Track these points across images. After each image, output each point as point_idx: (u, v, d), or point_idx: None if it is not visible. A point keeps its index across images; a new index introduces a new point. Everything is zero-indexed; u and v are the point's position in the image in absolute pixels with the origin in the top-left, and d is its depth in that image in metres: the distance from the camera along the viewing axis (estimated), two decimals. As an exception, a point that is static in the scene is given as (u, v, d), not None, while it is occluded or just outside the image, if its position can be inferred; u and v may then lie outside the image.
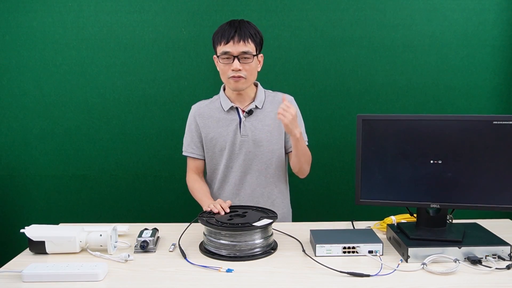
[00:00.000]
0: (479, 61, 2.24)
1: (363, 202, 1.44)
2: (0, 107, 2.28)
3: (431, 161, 1.36)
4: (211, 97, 1.85)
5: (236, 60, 1.63)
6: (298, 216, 1.93)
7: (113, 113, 2.29)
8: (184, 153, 1.85)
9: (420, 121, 1.37)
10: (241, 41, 1.62)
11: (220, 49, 1.65)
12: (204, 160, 1.84)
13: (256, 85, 1.80)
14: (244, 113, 1.74)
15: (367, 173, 1.42)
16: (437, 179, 1.37)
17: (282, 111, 1.53)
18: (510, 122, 1.31)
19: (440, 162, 1.36)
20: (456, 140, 1.35)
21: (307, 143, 1.80)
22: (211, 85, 2.25)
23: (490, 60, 2.23)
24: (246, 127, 1.73)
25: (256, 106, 1.75)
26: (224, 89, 1.81)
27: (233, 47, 1.62)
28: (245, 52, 1.63)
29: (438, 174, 1.36)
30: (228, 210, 1.50)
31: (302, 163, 1.72)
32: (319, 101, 2.27)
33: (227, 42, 1.62)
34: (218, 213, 1.48)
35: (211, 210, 1.50)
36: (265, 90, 1.82)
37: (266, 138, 1.74)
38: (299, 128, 1.61)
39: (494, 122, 1.32)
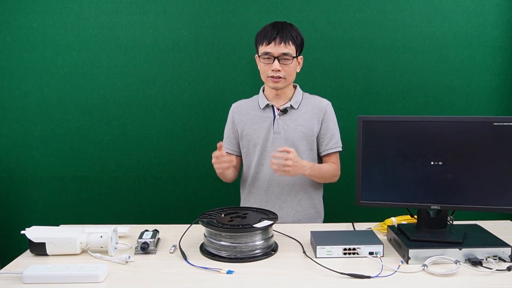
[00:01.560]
0: (479, 62, 2.24)
1: (363, 203, 1.44)
2: (1, 108, 2.28)
3: (432, 163, 1.36)
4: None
5: (276, 61, 1.69)
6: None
7: (113, 114, 2.29)
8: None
9: (421, 122, 1.37)
10: (282, 43, 1.68)
11: (262, 49, 1.71)
12: (239, 156, 1.90)
13: (295, 87, 1.86)
14: (279, 111, 1.79)
15: (367, 174, 1.42)
16: (437, 180, 1.37)
17: (282, 168, 1.59)
18: (511, 123, 1.31)
19: (440, 163, 1.36)
20: (456, 141, 1.35)
21: (340, 149, 1.85)
22: (211, 87, 2.26)
23: (490, 61, 2.23)
24: (280, 125, 1.78)
25: (291, 105, 1.79)
26: (263, 90, 1.87)
27: (274, 48, 1.68)
28: (285, 54, 1.69)
29: (439, 176, 1.36)
30: (223, 152, 1.60)
31: (325, 181, 1.85)
32: (319, 102, 2.27)
33: (269, 43, 1.69)
34: (220, 213, 1.49)
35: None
36: (304, 92, 1.87)
37: (297, 138, 1.77)
38: (305, 169, 1.66)
39: (494, 123, 1.32)
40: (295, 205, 1.82)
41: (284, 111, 1.79)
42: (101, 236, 1.39)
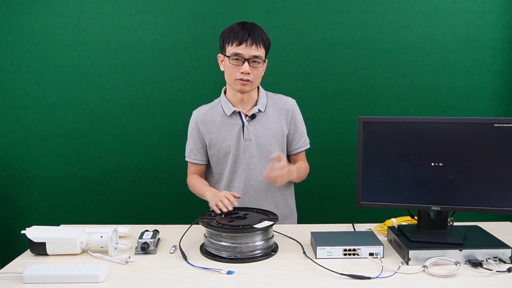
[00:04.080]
0: (480, 64, 2.24)
1: (364, 204, 1.44)
2: (2, 108, 2.28)
3: (432, 164, 1.36)
4: (211, 101, 1.84)
5: (246, 63, 1.62)
6: (299, 218, 1.93)
7: (114, 114, 2.29)
8: (187, 159, 1.84)
9: (421, 123, 1.37)
10: (254, 45, 1.61)
11: (231, 49, 1.62)
12: (206, 164, 1.84)
13: (258, 88, 1.79)
14: (247, 117, 1.73)
15: (368, 175, 1.42)
16: (438, 181, 1.36)
17: (274, 178, 1.55)
18: (511, 125, 1.31)
19: (441, 164, 1.36)
20: (457, 143, 1.35)
21: (308, 146, 1.81)
22: (212, 87, 2.26)
23: (491, 63, 2.23)
24: (250, 131, 1.73)
25: (259, 109, 1.74)
26: (225, 92, 1.80)
27: (245, 50, 1.61)
28: (256, 56, 1.62)
29: (439, 177, 1.36)
30: (236, 204, 1.50)
31: (302, 180, 1.82)
32: (320, 103, 2.27)
33: (240, 44, 1.61)
34: (221, 213, 1.48)
35: (219, 208, 1.49)
36: (267, 92, 1.81)
37: (269, 142, 1.74)
38: (294, 173, 1.64)
39: (495, 125, 1.32)
40: (272, 208, 1.76)
41: (253, 117, 1.72)
42: (102, 236, 1.39)
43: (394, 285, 1.17)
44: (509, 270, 1.23)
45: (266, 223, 1.38)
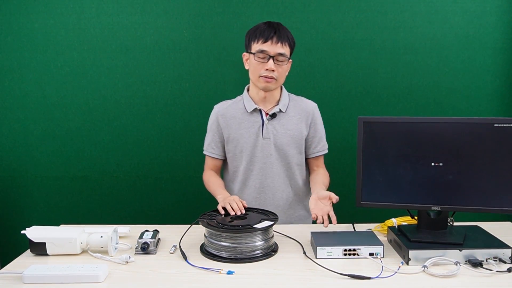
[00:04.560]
0: (480, 64, 2.24)
1: (364, 204, 1.43)
2: (2, 108, 2.29)
3: (432, 164, 1.36)
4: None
5: (271, 60, 1.63)
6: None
7: (114, 114, 2.29)
8: (204, 152, 1.85)
9: (421, 123, 1.37)
10: (279, 43, 1.63)
11: (257, 46, 1.64)
12: (223, 159, 1.85)
13: (281, 88, 1.80)
14: (268, 116, 1.74)
15: (368, 175, 1.42)
16: (438, 181, 1.36)
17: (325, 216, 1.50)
18: (511, 125, 1.31)
19: (441, 164, 1.36)
20: (457, 143, 1.35)
21: (327, 151, 1.84)
22: (212, 87, 2.26)
23: (491, 63, 2.24)
24: (269, 130, 1.73)
25: (280, 109, 1.74)
26: (248, 90, 1.80)
27: (271, 47, 1.63)
28: (281, 54, 1.64)
29: (439, 177, 1.36)
30: (244, 211, 1.50)
31: None
32: (320, 103, 2.25)
33: (265, 41, 1.62)
34: (224, 214, 1.49)
35: (224, 208, 1.50)
36: (289, 93, 1.82)
37: (287, 143, 1.74)
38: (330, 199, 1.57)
39: (495, 125, 1.32)
40: (287, 209, 1.79)
41: (273, 116, 1.73)
42: (102, 236, 1.39)
43: (394, 285, 1.17)
44: (509, 270, 1.23)
45: (266, 223, 1.38)
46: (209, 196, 2.33)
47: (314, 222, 1.85)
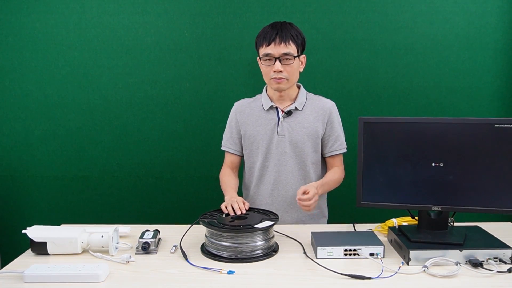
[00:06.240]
0: (480, 64, 2.24)
1: (364, 204, 1.44)
2: (2, 108, 2.29)
3: (433, 164, 1.36)
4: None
5: (277, 62, 1.66)
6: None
7: (115, 114, 2.29)
8: (222, 148, 1.89)
9: (422, 123, 1.37)
10: (282, 43, 1.65)
11: (262, 51, 1.69)
12: (241, 156, 1.88)
13: (298, 87, 1.83)
14: (283, 113, 1.77)
15: (368, 176, 1.42)
16: (438, 181, 1.37)
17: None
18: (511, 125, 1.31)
19: (441, 164, 1.36)
20: (457, 143, 1.35)
21: (345, 150, 1.84)
22: (213, 87, 2.26)
23: (491, 63, 2.23)
24: (284, 127, 1.76)
25: (296, 107, 1.77)
26: (266, 89, 1.84)
27: (274, 49, 1.66)
28: (286, 54, 1.66)
29: (440, 177, 1.36)
30: (244, 212, 1.50)
31: (333, 189, 1.82)
32: (320, 103, 2.27)
33: (269, 44, 1.66)
34: (221, 213, 1.50)
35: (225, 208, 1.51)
36: (307, 92, 1.84)
37: (302, 140, 1.76)
38: (317, 197, 1.61)
39: (495, 125, 1.32)
40: (299, 207, 1.79)
41: (289, 113, 1.76)
42: (102, 236, 1.39)
43: (395, 285, 1.17)
44: (509, 270, 1.23)
45: (266, 223, 1.39)
46: (209, 196, 2.35)
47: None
